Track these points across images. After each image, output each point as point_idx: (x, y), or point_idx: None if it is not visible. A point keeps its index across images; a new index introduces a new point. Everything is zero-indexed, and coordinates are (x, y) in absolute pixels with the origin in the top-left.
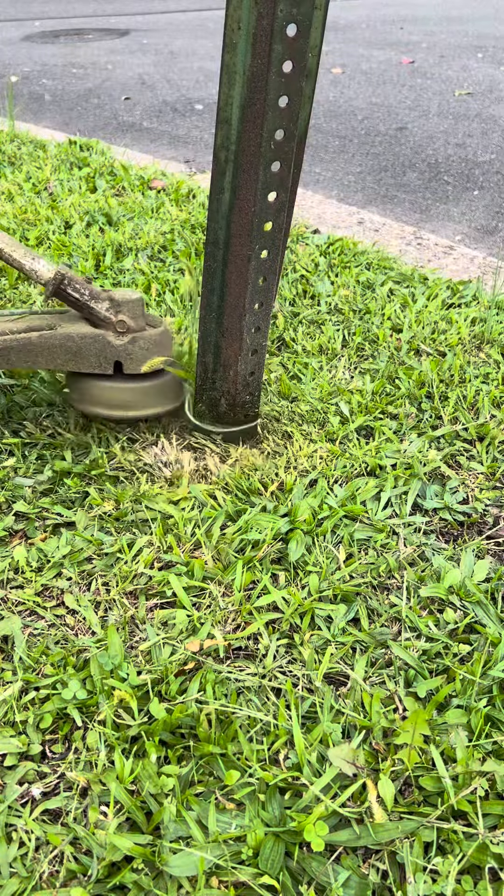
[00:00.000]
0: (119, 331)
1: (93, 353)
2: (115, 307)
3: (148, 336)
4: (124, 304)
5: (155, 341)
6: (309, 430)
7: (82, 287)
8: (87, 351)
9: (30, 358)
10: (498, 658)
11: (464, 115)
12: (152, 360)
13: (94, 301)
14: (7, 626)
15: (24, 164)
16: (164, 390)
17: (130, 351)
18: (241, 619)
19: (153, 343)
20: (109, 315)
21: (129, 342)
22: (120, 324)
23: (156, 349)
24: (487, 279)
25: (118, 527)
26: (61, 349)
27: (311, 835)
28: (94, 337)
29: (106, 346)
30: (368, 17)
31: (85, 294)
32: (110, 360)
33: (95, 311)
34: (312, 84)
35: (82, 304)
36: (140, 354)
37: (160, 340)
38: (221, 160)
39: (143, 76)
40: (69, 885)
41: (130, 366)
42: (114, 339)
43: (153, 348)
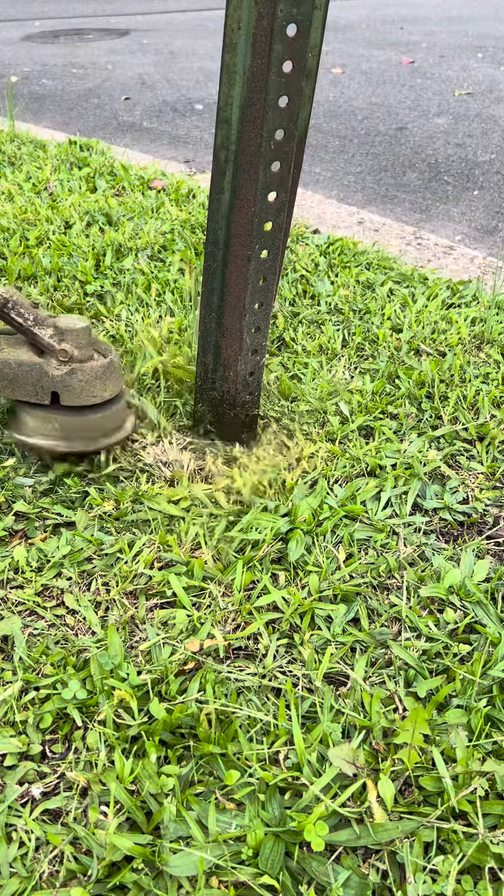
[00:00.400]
0: (61, 359)
1: (29, 382)
2: (59, 335)
3: (89, 368)
4: (68, 332)
5: (97, 373)
6: (309, 430)
7: (27, 312)
8: (23, 379)
9: None
10: (498, 658)
11: (464, 115)
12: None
13: (37, 327)
14: (7, 626)
15: (24, 164)
16: (105, 423)
17: (68, 382)
18: (241, 619)
19: (95, 375)
20: (52, 343)
21: (67, 373)
22: (62, 352)
23: (97, 381)
24: (487, 279)
25: (118, 527)
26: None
27: (311, 835)
28: (31, 365)
29: (42, 376)
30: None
31: (29, 319)
32: (47, 390)
33: (38, 337)
34: (312, 84)
35: (25, 329)
36: (78, 386)
37: (104, 372)
38: (221, 160)
39: (143, 76)
40: (69, 885)
41: (67, 398)
42: (52, 370)
43: (94, 380)
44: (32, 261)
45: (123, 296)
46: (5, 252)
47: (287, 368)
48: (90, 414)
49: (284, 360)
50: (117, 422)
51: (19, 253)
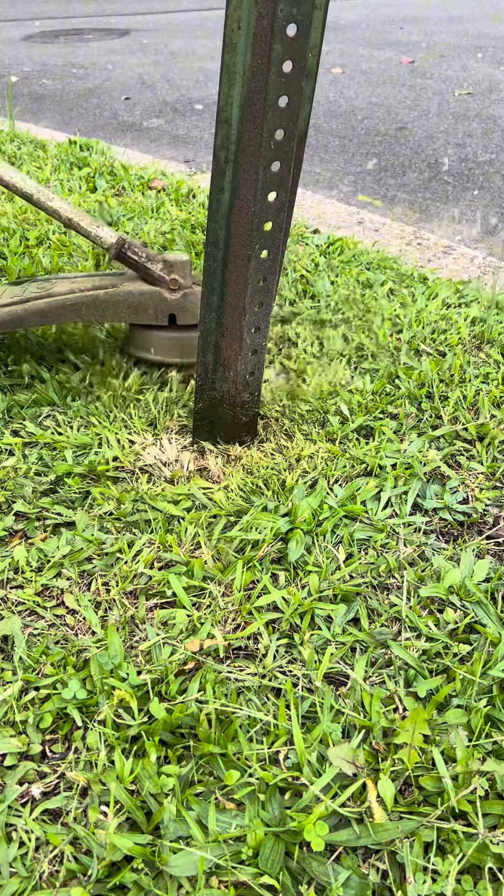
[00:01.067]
0: (172, 288)
1: (151, 307)
2: (168, 267)
3: (197, 292)
4: (176, 264)
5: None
6: (309, 430)
7: (140, 251)
8: (145, 305)
9: (98, 312)
10: (498, 658)
11: (464, 115)
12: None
13: (150, 262)
14: (7, 626)
15: (24, 163)
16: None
17: (183, 305)
18: (241, 619)
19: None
20: (163, 274)
21: (181, 297)
22: (173, 281)
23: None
24: (487, 279)
25: (118, 527)
26: (124, 304)
27: (311, 834)
28: (151, 293)
29: (162, 301)
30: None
31: (142, 257)
32: (166, 312)
33: (151, 271)
34: (312, 84)
35: (140, 266)
36: (191, 308)
37: None
38: (221, 160)
39: (143, 76)
40: (69, 885)
41: (183, 318)
42: (168, 295)
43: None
44: (32, 261)
45: None
46: (5, 252)
47: (287, 368)
48: (195, 331)
49: (284, 360)
50: None
51: (19, 253)
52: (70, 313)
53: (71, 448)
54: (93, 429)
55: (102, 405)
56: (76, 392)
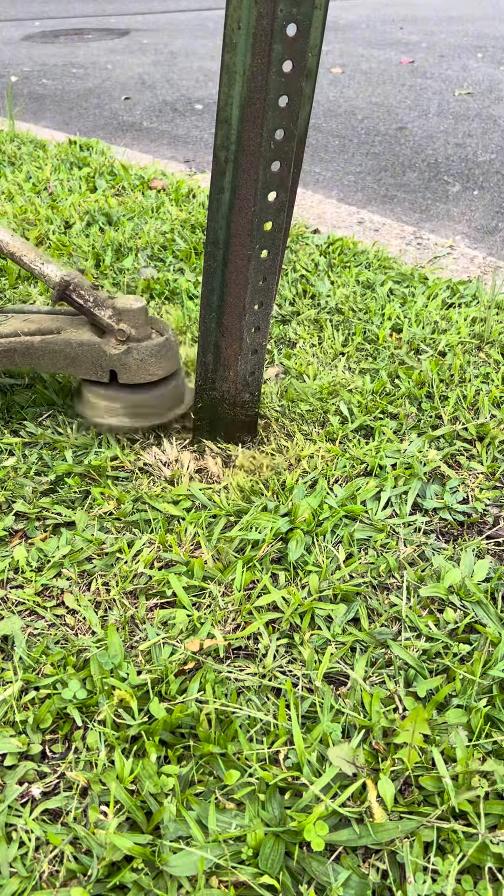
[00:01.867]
0: (119, 339)
1: (89, 361)
2: (118, 315)
3: (145, 347)
4: (125, 312)
5: (153, 351)
6: (309, 430)
7: (87, 293)
8: (83, 358)
9: (32, 360)
10: (498, 658)
11: (464, 115)
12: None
13: (97, 308)
14: (7, 626)
15: (24, 163)
16: (163, 400)
17: (125, 361)
18: (241, 619)
19: (151, 353)
20: (112, 322)
21: (123, 352)
22: (120, 332)
23: (153, 359)
24: (487, 279)
25: (118, 527)
26: (60, 354)
27: (311, 834)
28: (90, 345)
29: (101, 355)
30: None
31: (89, 301)
32: (105, 368)
33: (98, 318)
34: (312, 84)
35: (86, 311)
36: (135, 365)
37: (160, 350)
38: (221, 160)
39: (143, 76)
40: (69, 885)
41: (124, 376)
42: (109, 349)
43: (149, 358)
44: None
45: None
46: None
47: (288, 368)
48: (149, 391)
49: (285, 360)
50: (176, 398)
51: None
52: (3, 360)
53: (71, 448)
54: (93, 429)
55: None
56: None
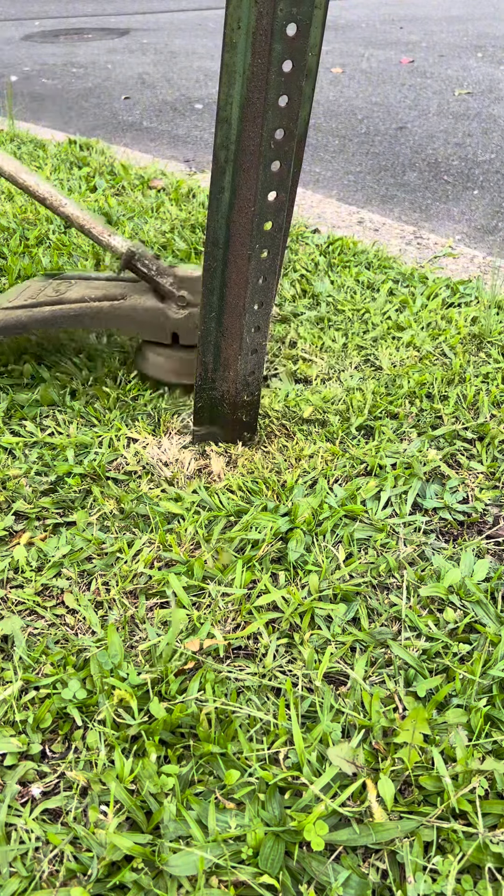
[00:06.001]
0: (180, 305)
1: (154, 325)
2: (178, 282)
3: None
4: (186, 280)
5: None
6: (309, 430)
7: (151, 263)
8: (148, 322)
9: (101, 323)
10: (498, 657)
11: (463, 115)
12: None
13: (159, 276)
14: (7, 625)
15: (23, 163)
16: None
17: (186, 325)
18: (240, 619)
19: None
20: (172, 289)
21: (185, 317)
22: (180, 298)
23: None
24: (487, 279)
25: (118, 526)
26: (127, 319)
27: (310, 834)
28: (154, 310)
29: (165, 320)
30: (368, 17)
31: (152, 269)
32: (169, 331)
33: (161, 285)
34: (312, 83)
35: (149, 278)
36: (195, 327)
37: None
38: (221, 160)
39: (143, 76)
40: (69, 885)
41: (187, 338)
42: (172, 314)
43: None
44: (32, 260)
45: None
46: (5, 251)
47: (288, 368)
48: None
49: (285, 360)
50: None
51: (19, 252)
52: (74, 322)
53: (71, 448)
54: (92, 429)
55: (102, 405)
56: (79, 394)
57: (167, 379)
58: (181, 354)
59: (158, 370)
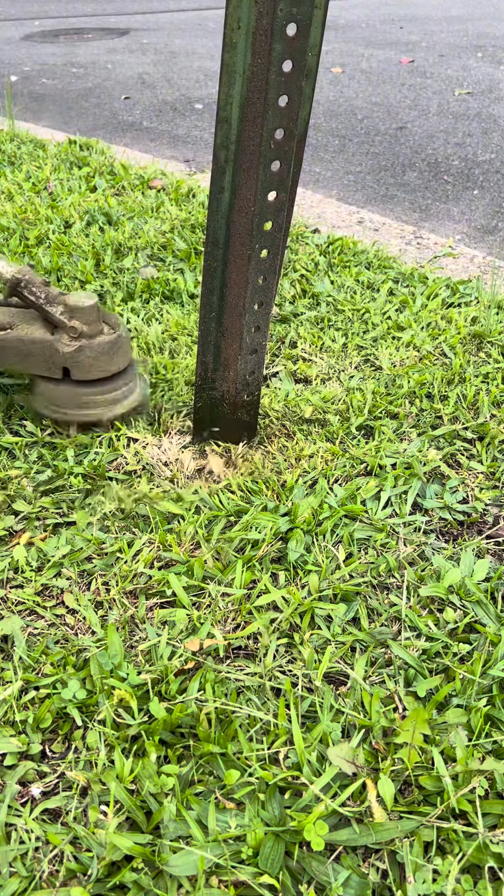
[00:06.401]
0: (71, 336)
1: (41, 358)
2: (69, 312)
3: (97, 344)
4: (77, 310)
5: (104, 349)
6: (309, 430)
7: (39, 290)
8: (36, 355)
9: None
10: (497, 657)
11: (463, 115)
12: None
13: (49, 305)
14: (7, 625)
15: (23, 163)
16: (114, 394)
17: (77, 359)
18: (240, 619)
19: (102, 350)
20: (63, 319)
21: (75, 350)
22: (71, 329)
23: (105, 356)
24: (487, 279)
25: (118, 526)
26: (12, 351)
27: (310, 834)
28: (42, 342)
29: (53, 353)
30: (368, 17)
31: (41, 297)
32: (58, 365)
33: (50, 314)
34: (312, 83)
35: (38, 307)
36: (87, 362)
37: (111, 348)
38: (221, 159)
39: (143, 75)
40: (69, 885)
41: (77, 373)
42: (61, 346)
43: (101, 356)
44: (32, 260)
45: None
46: (5, 251)
47: (288, 368)
48: (100, 386)
49: (285, 361)
50: (126, 392)
51: (19, 252)
52: None
53: (71, 447)
54: (92, 429)
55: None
56: None
57: (60, 418)
58: (75, 390)
59: (49, 406)
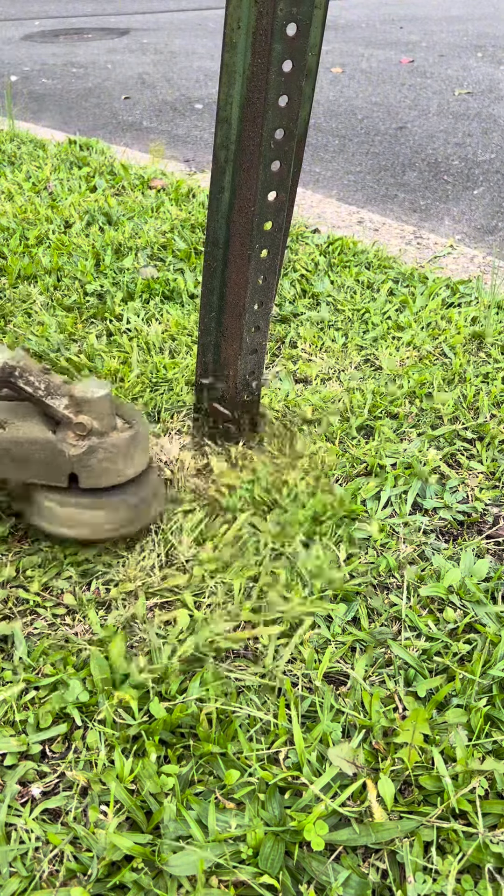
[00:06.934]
0: (78, 434)
1: (42, 463)
2: (76, 405)
3: (111, 443)
4: (83, 402)
5: (120, 449)
6: (309, 430)
7: (37, 379)
8: (35, 459)
9: None
10: (497, 657)
11: (463, 115)
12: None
13: (50, 397)
14: (7, 626)
15: (23, 163)
16: (128, 507)
17: (87, 463)
18: (241, 619)
19: (119, 451)
20: (68, 414)
21: (85, 452)
22: (79, 426)
23: (121, 458)
24: (487, 279)
25: None
26: (7, 454)
27: (310, 834)
28: (44, 444)
29: (57, 456)
30: (368, 17)
31: (40, 388)
32: (64, 471)
33: (51, 409)
34: (312, 83)
35: (36, 400)
36: (99, 466)
37: (129, 446)
38: (221, 159)
39: (143, 75)
40: (69, 885)
41: (87, 480)
42: (68, 448)
43: (117, 457)
44: (32, 260)
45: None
46: (5, 251)
47: (288, 368)
48: (114, 496)
49: (285, 361)
50: (146, 499)
51: (19, 252)
52: None
53: None
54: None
55: None
56: None
57: (68, 534)
58: (84, 500)
59: (55, 522)
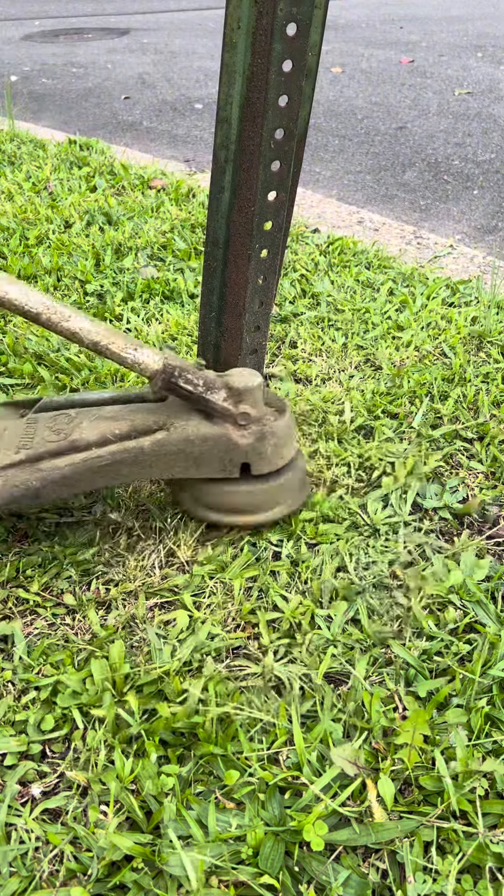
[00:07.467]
0: (241, 424)
1: (216, 457)
2: (234, 396)
3: (276, 429)
4: (245, 392)
5: (285, 433)
6: (309, 430)
7: (195, 377)
8: (209, 455)
9: (142, 470)
10: (498, 657)
11: (463, 115)
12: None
13: (209, 392)
14: (7, 626)
15: (23, 163)
16: (294, 486)
17: (259, 450)
18: (241, 619)
19: (284, 434)
20: (228, 406)
21: (256, 440)
22: (242, 416)
23: (286, 442)
24: (487, 279)
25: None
26: (180, 455)
27: (310, 834)
28: (216, 438)
29: (231, 448)
30: (368, 17)
31: (199, 385)
32: (237, 462)
33: (212, 403)
34: (312, 83)
35: (197, 397)
36: (271, 451)
37: (290, 430)
38: (221, 159)
39: (143, 75)
40: (69, 885)
41: (259, 466)
42: (238, 438)
43: (283, 441)
44: (32, 260)
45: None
46: (5, 251)
47: (288, 368)
48: (274, 479)
49: (285, 361)
50: (304, 478)
51: (19, 252)
52: (107, 477)
53: None
54: None
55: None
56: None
57: (238, 522)
58: (254, 487)
59: (222, 512)
